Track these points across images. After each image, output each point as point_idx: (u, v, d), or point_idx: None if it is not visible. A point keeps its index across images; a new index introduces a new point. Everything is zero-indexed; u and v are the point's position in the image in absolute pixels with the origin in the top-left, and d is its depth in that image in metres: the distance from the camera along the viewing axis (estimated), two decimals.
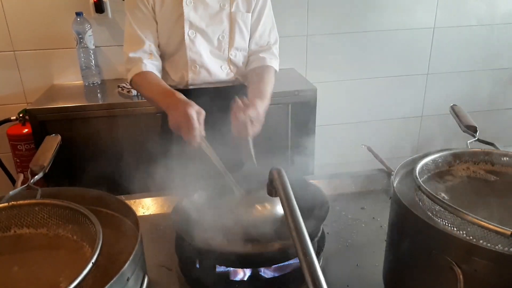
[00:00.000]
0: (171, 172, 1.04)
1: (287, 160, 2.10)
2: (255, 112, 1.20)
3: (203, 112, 1.13)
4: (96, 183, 0.93)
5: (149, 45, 1.41)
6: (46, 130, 1.97)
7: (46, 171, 0.90)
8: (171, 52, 1.46)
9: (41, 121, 1.97)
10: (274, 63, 1.51)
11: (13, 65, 2.28)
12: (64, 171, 2.02)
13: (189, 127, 1.09)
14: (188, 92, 1.43)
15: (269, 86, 1.42)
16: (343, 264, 0.99)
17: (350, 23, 2.55)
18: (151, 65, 1.41)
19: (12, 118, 2.20)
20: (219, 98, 1.37)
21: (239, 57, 1.51)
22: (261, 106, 1.25)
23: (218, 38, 1.45)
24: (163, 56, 1.49)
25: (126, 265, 0.64)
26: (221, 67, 1.49)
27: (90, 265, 0.59)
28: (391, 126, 2.82)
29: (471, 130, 1.02)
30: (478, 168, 0.90)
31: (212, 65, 1.47)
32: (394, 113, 2.80)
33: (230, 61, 1.49)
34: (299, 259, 0.50)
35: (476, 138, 0.99)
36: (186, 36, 1.41)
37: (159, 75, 1.43)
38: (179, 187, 1.05)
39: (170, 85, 1.40)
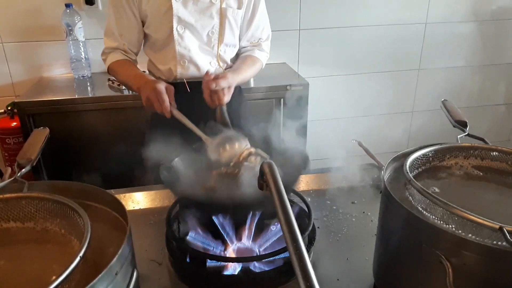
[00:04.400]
0: (160, 165, 1.03)
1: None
2: (226, 83, 1.25)
3: (171, 88, 1.22)
4: (85, 177, 0.92)
5: (123, 44, 1.44)
6: (34, 123, 1.95)
7: (34, 164, 0.89)
8: (161, 45, 1.45)
9: (29, 114, 1.94)
10: (262, 56, 1.53)
11: (1, 57, 2.24)
12: (53, 164, 2.00)
13: (160, 99, 1.19)
14: (176, 85, 1.43)
15: (248, 68, 1.47)
16: (334, 258, 1.00)
17: (342, 18, 2.55)
18: (126, 57, 1.47)
19: (0, 111, 2.17)
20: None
21: (228, 53, 1.50)
22: (233, 79, 1.30)
23: (208, 34, 1.43)
24: (153, 48, 1.47)
25: (115, 259, 0.63)
26: (210, 62, 1.47)
27: (77, 259, 0.58)
28: (382, 121, 2.83)
29: (462, 125, 1.02)
30: (468, 163, 0.91)
31: (200, 60, 1.45)
32: (385, 108, 2.81)
33: (219, 57, 1.48)
34: (289, 253, 0.50)
35: (466, 133, 0.99)
36: (174, 31, 1.39)
37: None
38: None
39: (159, 78, 1.40)
